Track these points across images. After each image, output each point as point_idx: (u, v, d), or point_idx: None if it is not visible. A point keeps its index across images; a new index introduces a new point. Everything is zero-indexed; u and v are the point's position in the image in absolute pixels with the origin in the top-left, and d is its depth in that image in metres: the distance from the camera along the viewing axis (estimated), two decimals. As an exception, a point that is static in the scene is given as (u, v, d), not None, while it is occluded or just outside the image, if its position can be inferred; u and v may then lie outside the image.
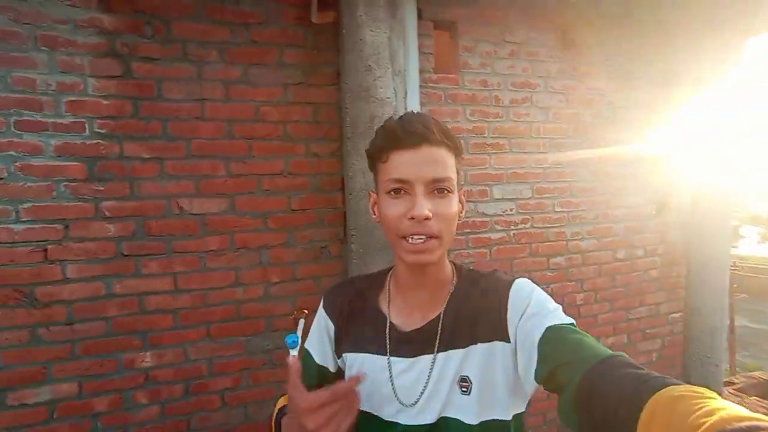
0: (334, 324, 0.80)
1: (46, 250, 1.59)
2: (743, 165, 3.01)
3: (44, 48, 1.56)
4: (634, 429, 0.43)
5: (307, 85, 1.94)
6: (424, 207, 0.64)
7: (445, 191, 0.67)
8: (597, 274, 2.64)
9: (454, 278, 0.76)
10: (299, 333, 1.47)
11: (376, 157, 0.70)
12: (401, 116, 0.70)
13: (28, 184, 1.56)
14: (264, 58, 1.87)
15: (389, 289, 0.79)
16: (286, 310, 1.92)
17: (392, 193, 0.67)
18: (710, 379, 2.81)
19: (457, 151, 0.70)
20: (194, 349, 1.79)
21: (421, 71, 2.09)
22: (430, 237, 0.66)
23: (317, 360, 0.81)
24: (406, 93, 1.94)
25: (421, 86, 2.08)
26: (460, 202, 0.73)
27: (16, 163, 1.54)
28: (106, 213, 1.67)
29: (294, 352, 1.30)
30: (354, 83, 1.84)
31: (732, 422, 0.36)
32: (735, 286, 3.66)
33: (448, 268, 0.76)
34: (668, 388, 0.44)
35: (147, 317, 1.72)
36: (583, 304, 2.60)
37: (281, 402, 0.80)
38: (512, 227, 2.39)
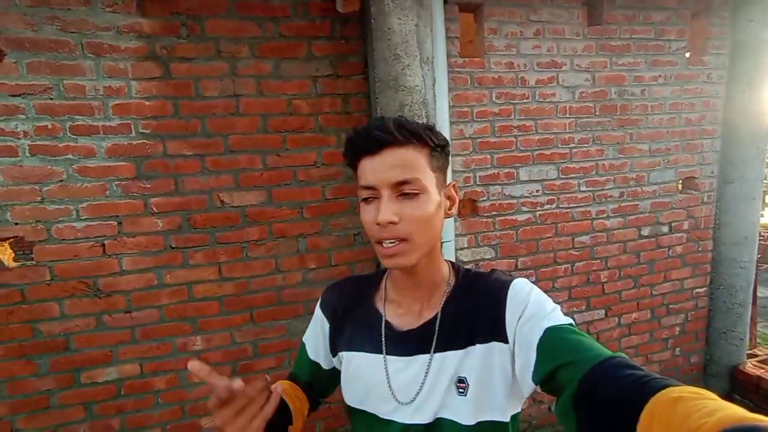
0: (329, 322, 0.81)
1: (104, 245, 1.72)
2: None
3: (90, 54, 1.64)
4: (633, 430, 0.44)
5: (336, 76, 1.98)
6: (388, 212, 0.64)
7: (413, 193, 0.66)
8: (621, 252, 2.67)
9: (451, 278, 0.76)
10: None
11: (349, 166, 0.72)
12: (368, 122, 0.69)
13: (85, 184, 1.68)
14: (293, 52, 1.91)
15: (385, 289, 0.79)
16: (322, 294, 2.04)
17: (365, 199, 0.68)
18: (734, 353, 2.86)
19: (431, 148, 0.68)
20: (239, 333, 1.93)
21: (447, 56, 2.10)
22: (401, 240, 0.66)
23: (310, 355, 0.84)
24: (434, 80, 1.97)
25: (447, 71, 2.10)
26: (449, 197, 0.72)
27: (74, 166, 1.66)
28: (154, 209, 1.78)
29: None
30: (383, 72, 1.86)
31: (731, 423, 0.36)
32: (759, 256, 3.63)
33: (444, 268, 0.76)
34: (668, 389, 0.44)
35: (196, 304, 1.86)
36: (608, 281, 2.65)
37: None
38: (538, 208, 2.43)
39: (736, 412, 0.38)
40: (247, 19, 1.84)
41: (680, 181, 2.78)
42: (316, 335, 0.84)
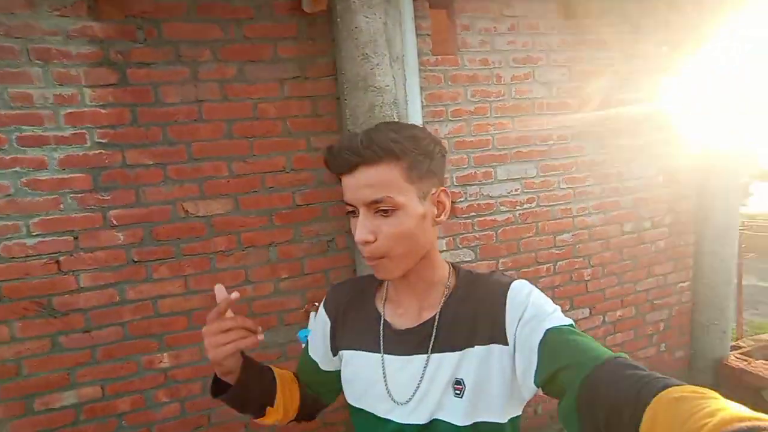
0: (330, 320, 0.82)
1: (59, 262, 1.63)
2: (754, 123, 2.93)
3: (38, 61, 1.55)
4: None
5: (303, 78, 1.91)
6: (363, 231, 0.65)
7: (389, 210, 0.65)
8: (604, 249, 2.64)
9: (450, 279, 0.75)
10: (311, 326, 1.52)
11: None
12: (341, 138, 0.69)
13: (36, 198, 1.59)
14: (258, 54, 1.84)
15: (386, 288, 0.79)
16: (296, 304, 1.97)
17: (349, 213, 0.69)
18: (717, 345, 2.85)
19: (410, 159, 0.65)
20: (210, 348, 1.84)
21: (419, 54, 2.05)
22: (380, 257, 0.66)
23: (310, 352, 0.86)
24: (405, 79, 1.91)
25: (419, 69, 2.04)
26: (440, 202, 0.70)
27: (23, 179, 1.56)
28: (114, 222, 1.70)
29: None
30: (351, 73, 1.80)
31: (733, 423, 0.36)
32: (744, 246, 3.65)
33: (443, 268, 0.76)
34: (669, 389, 0.44)
35: (161, 320, 1.78)
36: (591, 280, 2.61)
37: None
38: (518, 207, 2.38)
39: (738, 411, 0.38)
40: (208, 22, 1.77)
41: (661, 176, 2.75)
42: (317, 333, 0.85)
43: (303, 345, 1.45)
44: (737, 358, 2.83)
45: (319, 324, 0.84)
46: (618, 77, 2.54)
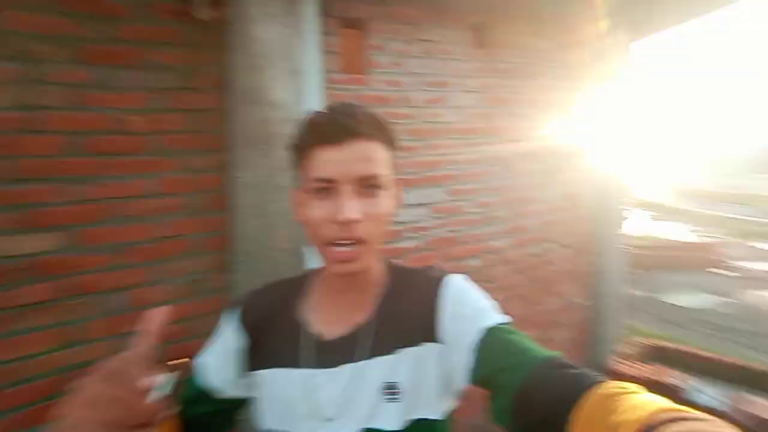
0: (247, 336, 0.70)
1: None
2: (633, 155, 3.22)
3: None
4: (567, 430, 0.44)
5: (185, 89, 1.59)
6: (352, 208, 0.58)
7: (376, 189, 0.61)
8: (513, 272, 2.62)
9: (383, 277, 0.70)
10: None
11: (298, 152, 0.64)
12: (328, 107, 0.63)
13: None
14: (130, 59, 1.49)
15: (313, 294, 0.71)
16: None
17: (317, 192, 0.60)
18: (607, 354, 3.04)
19: (391, 144, 0.65)
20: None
21: (327, 71, 1.86)
22: (358, 242, 0.60)
23: (212, 380, 0.69)
24: (304, 94, 1.69)
25: (326, 87, 1.84)
26: (396, 196, 0.68)
27: None
28: None
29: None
30: (242, 85, 1.56)
31: (658, 414, 0.37)
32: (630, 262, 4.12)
33: (379, 266, 0.71)
34: (597, 386, 0.45)
35: None
36: (500, 303, 2.57)
37: None
38: (427, 233, 2.26)
39: (662, 404, 0.39)
40: (67, 16, 1.39)
41: (564, 199, 2.83)
42: (220, 354, 0.70)
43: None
44: (620, 361, 3.03)
45: (227, 342, 0.70)
46: (527, 105, 2.57)
